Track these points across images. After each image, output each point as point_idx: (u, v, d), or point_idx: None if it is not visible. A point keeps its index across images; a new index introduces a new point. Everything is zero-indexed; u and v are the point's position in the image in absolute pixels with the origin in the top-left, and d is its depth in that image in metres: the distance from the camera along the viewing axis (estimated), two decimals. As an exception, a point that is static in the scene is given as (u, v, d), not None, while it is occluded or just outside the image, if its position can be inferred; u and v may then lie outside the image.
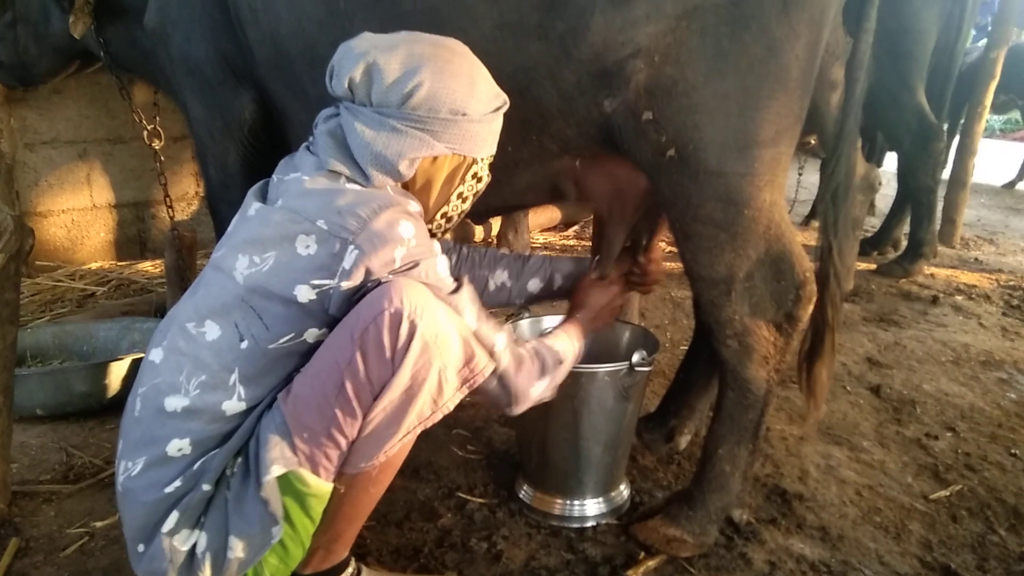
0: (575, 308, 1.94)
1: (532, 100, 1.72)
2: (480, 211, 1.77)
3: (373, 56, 1.45)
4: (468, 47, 1.54)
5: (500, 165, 1.65)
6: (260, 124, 2.08)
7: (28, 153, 4.16)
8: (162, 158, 2.72)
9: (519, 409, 1.62)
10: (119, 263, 4.47)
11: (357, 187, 1.46)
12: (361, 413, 1.38)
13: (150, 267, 4.42)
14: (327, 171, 1.48)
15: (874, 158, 4.63)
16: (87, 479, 2.22)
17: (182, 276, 3.18)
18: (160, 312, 3.40)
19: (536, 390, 1.63)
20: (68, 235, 4.37)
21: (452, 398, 1.45)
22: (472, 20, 1.67)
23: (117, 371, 2.58)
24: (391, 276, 1.41)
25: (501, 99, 1.55)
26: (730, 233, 1.73)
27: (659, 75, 1.64)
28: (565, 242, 5.42)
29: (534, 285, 2.01)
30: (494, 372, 1.51)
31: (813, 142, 5.19)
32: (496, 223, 4.55)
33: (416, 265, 1.44)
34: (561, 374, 1.70)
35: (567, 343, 1.74)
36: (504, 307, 2.05)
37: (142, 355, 2.58)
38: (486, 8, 1.65)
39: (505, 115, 1.58)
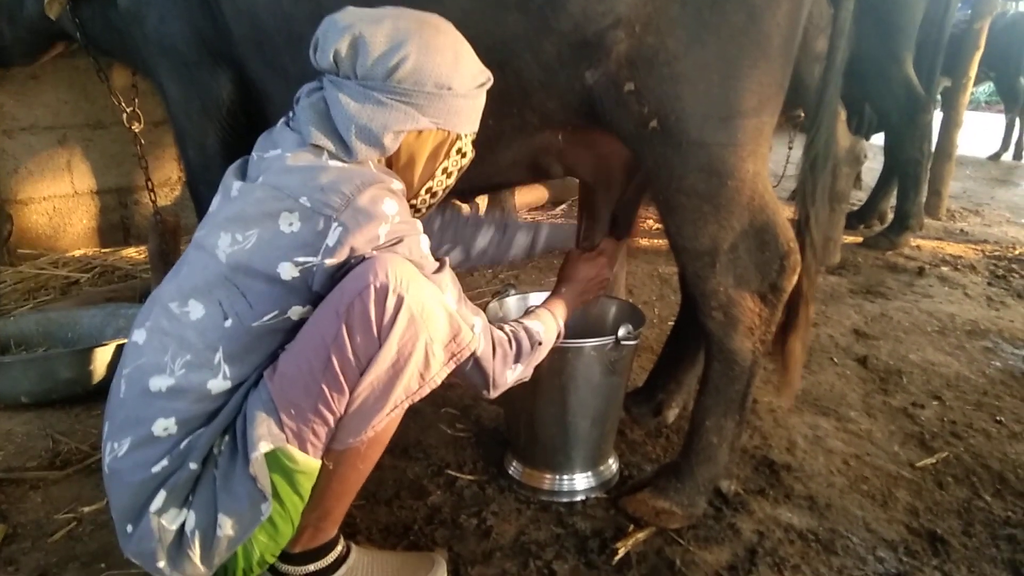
0: (562, 281, 1.94)
1: (512, 73, 1.70)
2: (464, 189, 1.76)
3: (359, 29, 1.44)
4: (448, 20, 1.52)
5: (482, 140, 1.64)
6: (238, 104, 2.05)
7: (6, 140, 4.10)
8: (142, 141, 2.69)
9: (495, 393, 1.63)
10: (102, 250, 4.43)
11: (340, 164, 1.45)
12: (348, 388, 1.38)
13: (134, 253, 4.39)
14: (309, 145, 1.47)
15: (862, 131, 4.62)
16: (74, 465, 2.21)
17: (166, 261, 3.15)
18: (144, 298, 3.36)
19: (512, 374, 1.65)
20: (50, 222, 4.32)
21: (439, 372, 1.45)
22: None
23: (102, 357, 2.56)
24: (375, 252, 1.40)
25: (485, 76, 1.54)
26: (713, 204, 1.73)
27: (640, 45, 1.62)
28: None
29: (521, 238, 2.02)
30: (472, 353, 1.52)
31: (803, 115, 5.19)
32: (483, 203, 4.54)
33: (400, 241, 1.43)
34: (539, 355, 1.71)
35: (549, 322, 1.75)
36: (492, 264, 2.06)
37: (126, 340, 2.57)
38: None
39: (487, 90, 1.57)
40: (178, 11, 1.99)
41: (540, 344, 1.70)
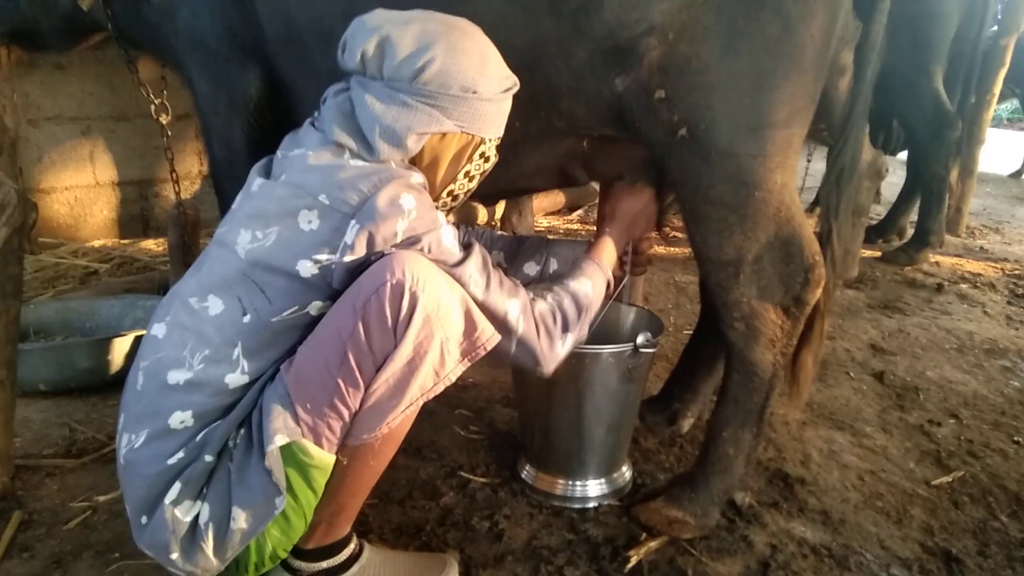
0: (606, 219, 1.89)
1: (542, 77, 1.70)
2: (489, 192, 1.76)
3: (387, 30, 1.44)
4: (479, 22, 1.53)
5: (508, 143, 1.64)
6: (266, 100, 2.06)
7: (31, 129, 4.14)
8: (169, 133, 2.71)
9: (549, 368, 1.62)
10: (122, 241, 4.47)
11: (361, 162, 1.46)
12: (363, 384, 1.38)
13: (153, 245, 4.42)
14: (332, 144, 1.47)
15: (889, 146, 4.60)
16: (90, 454, 2.22)
17: (185, 254, 3.16)
18: (163, 290, 3.39)
19: (563, 346, 1.62)
20: (71, 212, 4.36)
21: (454, 370, 1.45)
22: None
23: (120, 347, 2.58)
24: (393, 249, 1.40)
25: (511, 81, 1.54)
26: (740, 215, 1.72)
27: (673, 53, 1.62)
28: (569, 226, 5.41)
29: (529, 268, 1.99)
30: (512, 337, 1.53)
31: (825, 129, 5.17)
32: (500, 206, 4.54)
33: (419, 238, 1.43)
34: (591, 315, 1.69)
35: (596, 275, 1.72)
36: None
37: (144, 332, 2.59)
38: None
39: (514, 93, 1.57)
40: (210, 7, 2.00)
41: (588, 306, 1.67)
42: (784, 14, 1.58)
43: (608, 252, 1.82)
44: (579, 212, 5.77)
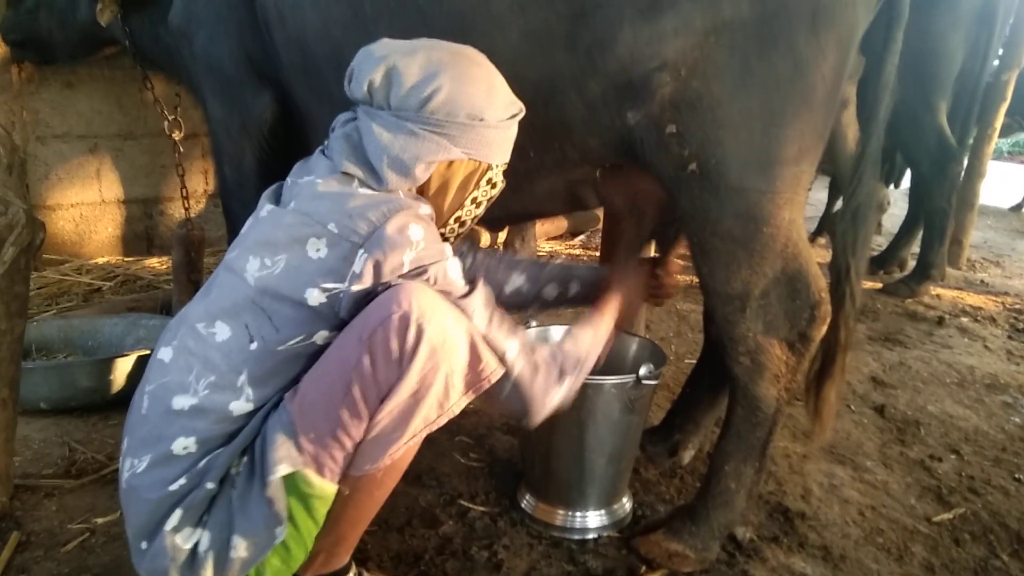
0: (606, 290, 1.89)
1: (555, 109, 1.72)
2: (500, 217, 1.77)
3: (393, 60, 1.46)
4: (493, 55, 1.54)
5: (521, 171, 1.65)
6: (279, 125, 2.08)
7: (39, 146, 4.16)
8: (181, 150, 2.74)
9: (536, 419, 1.58)
10: (126, 259, 4.47)
11: (369, 191, 1.47)
12: (368, 415, 1.38)
13: (156, 263, 4.42)
14: (340, 174, 1.48)
15: (892, 180, 4.62)
16: (89, 475, 2.21)
17: (189, 272, 3.18)
18: (166, 309, 3.40)
19: (554, 397, 1.58)
20: (76, 229, 4.37)
21: (458, 403, 1.45)
22: (499, 28, 1.67)
23: (122, 367, 2.57)
24: (401, 280, 1.41)
25: (517, 107, 1.56)
26: (748, 250, 1.73)
27: (685, 89, 1.64)
28: (571, 251, 5.42)
29: (551, 290, 1.99)
30: (506, 378, 1.49)
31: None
32: (503, 231, 4.55)
33: (425, 269, 1.43)
34: (583, 375, 1.66)
35: (591, 338, 1.71)
36: (519, 311, 2.01)
37: (147, 351, 2.59)
38: (513, 17, 1.66)
39: (527, 122, 1.58)
40: (228, 32, 2.03)
41: (583, 364, 1.65)
42: (796, 54, 1.60)
43: (607, 319, 1.78)
44: (581, 237, 5.78)
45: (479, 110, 1.48)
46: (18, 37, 3.29)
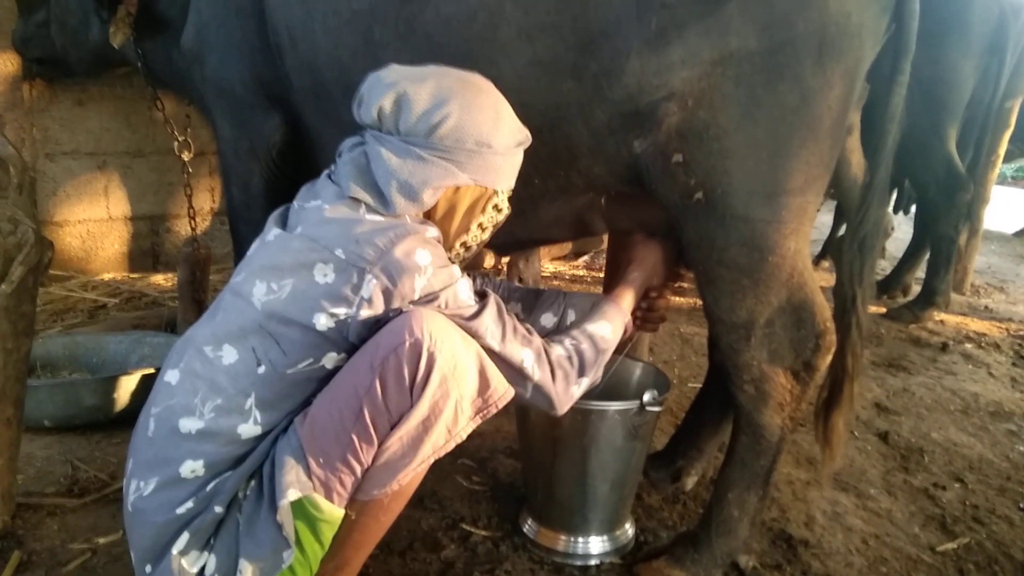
0: (626, 266, 1.90)
1: (562, 137, 1.74)
2: (507, 243, 1.78)
3: (403, 87, 1.48)
4: (501, 82, 1.56)
5: (527, 198, 1.67)
6: (287, 147, 2.10)
7: (48, 163, 4.18)
8: (190, 170, 2.76)
9: (563, 409, 1.65)
10: (131, 275, 4.49)
11: (376, 217, 1.48)
12: (377, 440, 1.38)
13: (162, 280, 4.44)
14: (348, 199, 1.50)
15: (900, 207, 4.62)
16: (92, 494, 2.20)
17: (194, 290, 3.19)
18: (171, 326, 3.40)
19: (579, 388, 1.66)
20: (83, 245, 4.39)
21: (465, 428, 1.46)
22: (506, 56, 1.69)
23: (127, 385, 2.58)
24: (410, 305, 1.42)
25: (523, 134, 1.58)
26: (753, 279, 1.74)
27: (691, 119, 1.65)
28: (575, 272, 5.43)
29: (547, 320, 2.00)
30: (528, 383, 1.56)
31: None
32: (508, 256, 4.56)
33: (437, 295, 1.45)
34: (607, 356, 1.72)
35: (615, 318, 1.75)
36: None
37: (151, 370, 2.59)
38: (521, 45, 1.67)
39: (534, 150, 1.60)
40: (239, 56, 2.05)
41: (606, 349, 1.70)
42: (803, 84, 1.61)
43: (628, 297, 1.83)
44: (585, 258, 5.79)
45: (487, 137, 1.49)
46: (36, 54, 3.33)
